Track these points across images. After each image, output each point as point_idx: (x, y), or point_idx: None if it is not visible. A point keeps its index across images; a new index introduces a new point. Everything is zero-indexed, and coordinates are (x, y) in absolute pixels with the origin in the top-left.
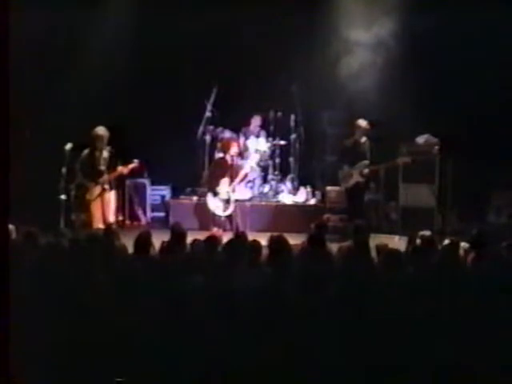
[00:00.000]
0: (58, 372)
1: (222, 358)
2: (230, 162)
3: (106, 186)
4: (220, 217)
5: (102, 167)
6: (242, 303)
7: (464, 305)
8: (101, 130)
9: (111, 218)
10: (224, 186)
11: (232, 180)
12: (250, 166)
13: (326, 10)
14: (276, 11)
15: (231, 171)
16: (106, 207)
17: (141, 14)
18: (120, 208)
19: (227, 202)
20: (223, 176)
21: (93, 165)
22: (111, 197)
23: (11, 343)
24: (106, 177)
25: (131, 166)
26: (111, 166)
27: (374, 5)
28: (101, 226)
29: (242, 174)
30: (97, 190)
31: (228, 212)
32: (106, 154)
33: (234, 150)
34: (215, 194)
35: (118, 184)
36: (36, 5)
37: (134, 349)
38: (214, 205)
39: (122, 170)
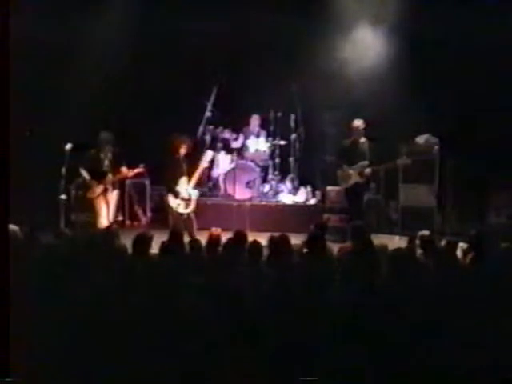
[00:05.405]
0: (57, 372)
1: (222, 358)
2: (181, 162)
3: (109, 186)
4: (181, 214)
5: (107, 168)
6: (242, 303)
7: (463, 305)
8: (105, 135)
9: (112, 217)
10: (183, 185)
11: (189, 178)
12: (205, 162)
13: (326, 9)
14: (276, 11)
15: (186, 170)
16: (109, 206)
17: (141, 14)
18: (120, 208)
19: (188, 199)
20: (180, 176)
21: (97, 165)
22: (114, 196)
23: (11, 343)
24: (110, 177)
25: (136, 170)
26: (115, 166)
27: (374, 5)
28: (106, 224)
29: (199, 170)
30: (99, 188)
31: (190, 209)
32: (110, 155)
33: (182, 151)
34: (175, 193)
35: (119, 184)
36: (36, 4)
37: (134, 349)
38: (176, 203)
39: (127, 172)
